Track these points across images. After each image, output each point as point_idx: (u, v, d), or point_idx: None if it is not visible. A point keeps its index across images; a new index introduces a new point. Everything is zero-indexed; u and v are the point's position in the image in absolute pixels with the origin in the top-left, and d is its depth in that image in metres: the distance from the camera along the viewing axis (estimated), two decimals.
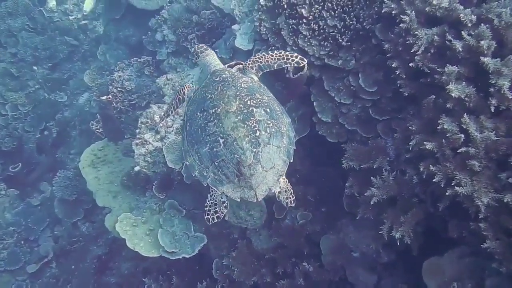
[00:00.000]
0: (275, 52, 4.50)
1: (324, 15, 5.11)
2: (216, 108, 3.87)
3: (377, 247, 4.93)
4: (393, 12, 4.53)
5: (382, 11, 4.63)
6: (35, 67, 10.62)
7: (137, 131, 6.45)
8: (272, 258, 5.80)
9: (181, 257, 6.02)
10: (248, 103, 3.90)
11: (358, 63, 5.10)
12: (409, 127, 4.37)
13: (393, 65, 4.55)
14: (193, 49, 4.79)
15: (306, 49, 5.20)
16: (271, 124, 3.87)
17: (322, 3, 5.12)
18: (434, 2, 4.23)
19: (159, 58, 8.04)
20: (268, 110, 3.95)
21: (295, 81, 5.12)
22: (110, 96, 7.15)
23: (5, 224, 8.88)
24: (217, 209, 4.07)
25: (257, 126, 3.77)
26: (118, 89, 8.01)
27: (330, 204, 5.95)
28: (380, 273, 5.22)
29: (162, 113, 4.88)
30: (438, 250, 4.42)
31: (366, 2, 4.97)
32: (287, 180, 4.10)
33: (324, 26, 5.12)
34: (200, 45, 4.77)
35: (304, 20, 5.18)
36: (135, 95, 7.97)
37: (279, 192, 4.02)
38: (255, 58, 4.50)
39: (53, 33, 11.15)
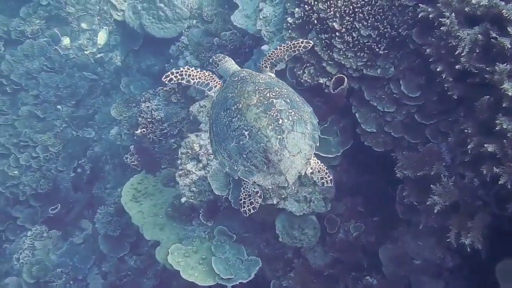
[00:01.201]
0: (282, 45, 4.49)
1: (357, 26, 5.07)
2: (237, 104, 3.94)
3: (442, 253, 4.86)
4: (430, 15, 4.47)
5: (419, 16, 4.57)
6: (59, 106, 10.71)
7: (179, 162, 6.44)
8: (331, 275, 5.76)
9: (238, 283, 6.01)
10: (268, 95, 3.95)
11: (397, 70, 5.05)
12: (464, 130, 4.30)
13: (437, 69, 4.48)
14: (211, 59, 4.83)
15: (342, 62, 5.17)
16: (292, 113, 3.90)
17: (353, 15, 5.09)
18: (473, 1, 4.16)
19: (185, 84, 8.02)
20: (288, 100, 3.98)
21: (336, 95, 5.08)
22: (145, 130, 7.17)
23: (52, 266, 8.94)
24: (252, 200, 4.11)
25: (279, 115, 3.81)
26: (148, 119, 8.02)
27: (382, 213, 5.89)
28: (447, 278, 5.13)
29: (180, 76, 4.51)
30: (505, 249, 4.36)
31: (398, 8, 4.92)
32: (319, 161, 4.10)
33: (358, 37, 5.08)
34: (217, 54, 4.81)
35: (337, 34, 5.14)
36: (165, 124, 7.99)
37: (312, 173, 4.04)
38: (266, 57, 4.56)
39: (72, 70, 11.26)
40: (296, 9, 5.45)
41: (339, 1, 5.13)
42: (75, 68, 11.33)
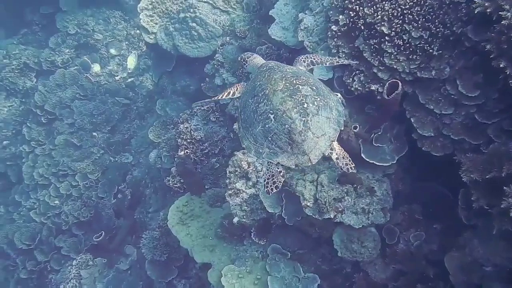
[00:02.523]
0: (327, 57, 4.72)
1: (407, 28, 4.90)
2: (264, 90, 4.06)
3: None
4: (487, 10, 4.28)
5: (475, 12, 4.38)
6: (94, 133, 10.73)
7: (227, 181, 6.31)
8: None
9: None
10: (294, 82, 4.05)
11: (453, 70, 4.85)
12: None
13: (501, 65, 4.27)
14: (239, 57, 5.03)
15: (394, 66, 5.00)
16: (318, 99, 3.99)
17: (401, 17, 4.93)
18: None
19: (223, 102, 7.94)
20: (314, 88, 4.08)
21: (390, 101, 4.89)
22: (188, 151, 7.08)
23: None
24: (275, 179, 4.12)
25: (304, 99, 3.90)
26: (188, 140, 7.93)
27: (442, 219, 5.66)
28: None
29: (214, 98, 4.97)
30: None
31: (450, 6, 4.74)
32: (342, 148, 4.14)
33: (409, 39, 4.91)
34: (246, 53, 5.02)
35: (387, 38, 4.99)
36: (206, 144, 7.89)
37: (337, 159, 4.07)
38: (309, 56, 4.71)
39: (104, 96, 11.32)
40: (341, 16, 5.32)
41: (386, 4, 4.98)
42: (107, 94, 11.39)
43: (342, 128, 4.09)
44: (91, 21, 12.71)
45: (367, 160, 5.49)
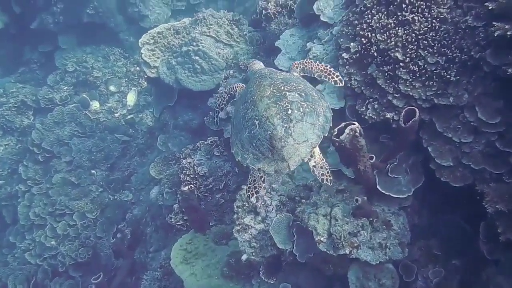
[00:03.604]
0: (321, 64, 4.82)
1: (422, 54, 4.75)
2: (253, 97, 4.20)
3: None
4: (508, 33, 4.12)
5: (495, 35, 4.23)
6: (93, 171, 10.51)
7: (235, 216, 6.03)
8: None
9: None
10: (282, 88, 4.17)
11: (471, 96, 4.66)
12: None
13: None
14: (241, 62, 5.57)
15: (410, 93, 4.82)
16: (305, 105, 4.07)
17: (416, 43, 4.78)
18: None
19: (227, 136, 7.72)
20: (303, 94, 4.16)
21: (407, 130, 4.68)
22: (192, 186, 6.81)
23: None
24: (256, 184, 4.26)
25: (289, 105, 4.00)
26: (191, 176, 7.67)
27: (462, 254, 5.37)
28: None
29: (215, 107, 5.50)
30: None
31: (466, 31, 4.60)
32: (323, 158, 4.25)
33: (425, 65, 4.75)
34: (243, 62, 5.42)
35: (401, 64, 4.82)
36: (210, 179, 7.63)
37: (314, 166, 4.16)
38: (301, 62, 4.86)
39: (103, 134, 11.15)
40: (352, 43, 5.19)
41: (399, 30, 4.84)
42: (106, 131, 11.23)
43: (326, 134, 4.15)
44: (90, 58, 12.69)
45: (383, 192, 5.23)
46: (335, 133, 4.43)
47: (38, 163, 10.86)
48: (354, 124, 4.37)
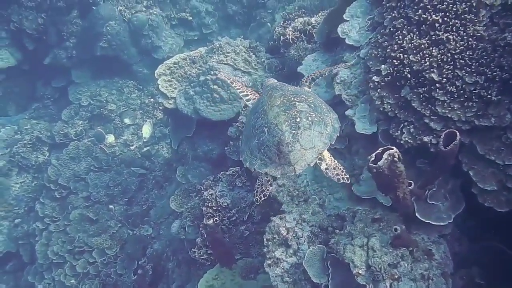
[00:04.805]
0: (324, 69, 5.30)
1: (459, 73, 4.53)
2: (264, 107, 4.39)
3: None
4: None
5: None
6: (111, 206, 10.32)
7: (265, 250, 5.74)
8: None
9: None
10: (292, 99, 4.36)
11: None
12: None
13: None
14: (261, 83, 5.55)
15: (448, 115, 4.58)
16: (313, 115, 4.24)
17: (452, 62, 4.57)
18: None
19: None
20: (312, 105, 4.34)
21: (447, 153, 4.43)
22: (218, 219, 6.56)
23: None
24: (263, 188, 4.42)
25: (298, 114, 4.17)
26: (214, 208, 7.43)
27: (506, 283, 5.06)
28: None
29: (233, 82, 5.54)
30: None
31: (505, 48, 4.39)
32: (335, 160, 4.38)
33: (463, 86, 4.52)
34: (267, 77, 5.54)
35: (437, 85, 4.60)
36: (233, 211, 7.39)
37: (326, 169, 4.28)
38: (309, 76, 5.23)
39: (119, 167, 10.98)
40: (382, 65, 4.99)
41: (433, 51, 4.64)
42: (122, 164, 11.08)
43: (333, 142, 4.31)
44: (104, 91, 12.66)
45: (422, 219, 4.96)
46: (372, 159, 4.20)
47: (55, 199, 10.70)
48: (392, 148, 4.15)
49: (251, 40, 8.61)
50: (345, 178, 4.31)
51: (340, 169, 4.34)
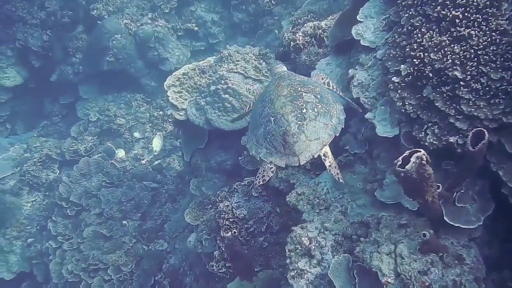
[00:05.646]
0: (337, 88, 5.31)
1: (484, 70, 4.36)
2: (271, 96, 4.46)
3: None
4: None
5: None
6: (125, 222, 10.21)
7: (288, 261, 5.56)
8: None
9: None
10: (299, 89, 4.43)
11: None
12: None
13: None
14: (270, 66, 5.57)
15: (474, 113, 4.40)
16: (319, 106, 4.33)
17: (475, 59, 4.40)
18: None
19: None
20: (318, 96, 4.42)
21: (475, 154, 4.24)
22: (236, 231, 6.40)
23: None
24: (264, 174, 4.47)
25: (304, 105, 4.26)
26: (230, 220, 7.26)
27: None
28: None
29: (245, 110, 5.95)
30: None
31: None
32: (334, 158, 4.51)
33: (489, 82, 4.35)
34: (276, 61, 5.56)
35: (461, 83, 4.43)
36: (251, 222, 7.21)
37: (330, 166, 4.42)
38: (327, 80, 5.20)
39: (131, 182, 10.85)
40: (402, 66, 4.82)
41: (455, 47, 4.47)
42: (134, 179, 10.97)
43: (338, 135, 4.45)
44: (113, 106, 12.61)
45: (451, 223, 4.77)
46: (400, 163, 4.03)
47: (67, 217, 10.61)
48: (420, 151, 3.97)
49: (261, 48, 8.47)
50: (340, 179, 4.57)
51: (338, 168, 4.56)
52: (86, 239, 10.00)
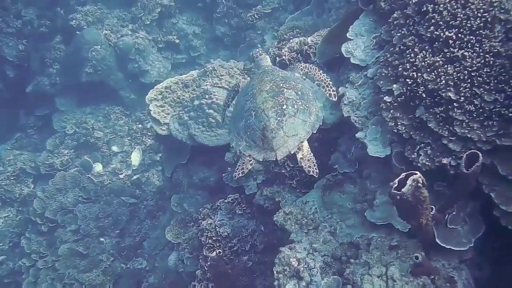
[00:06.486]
0: (323, 74, 5.15)
1: (477, 92, 4.33)
2: (253, 90, 4.55)
3: None
4: None
5: None
6: (102, 239, 9.91)
7: (276, 283, 5.41)
8: None
9: None
10: (281, 85, 4.53)
11: None
12: None
13: None
14: (251, 54, 5.55)
15: (468, 135, 4.36)
16: (299, 103, 4.43)
17: (469, 80, 4.37)
18: None
19: (249, 192, 7.19)
20: (299, 93, 4.52)
21: (469, 176, 4.19)
22: (220, 251, 6.25)
23: None
24: (243, 166, 4.51)
25: (285, 101, 4.36)
26: (214, 238, 7.09)
27: None
28: None
29: (223, 106, 5.86)
30: None
31: None
32: (311, 152, 4.52)
33: (482, 104, 4.32)
34: (256, 50, 5.46)
35: (455, 104, 4.39)
36: (234, 240, 7.05)
37: (301, 159, 4.43)
38: (307, 66, 5.16)
39: (109, 197, 10.60)
40: (394, 85, 4.78)
41: (449, 68, 4.44)
42: (112, 194, 10.71)
43: (315, 132, 4.51)
44: (90, 118, 12.36)
45: (443, 245, 4.71)
46: (395, 185, 3.95)
47: (41, 234, 10.27)
48: (416, 173, 3.90)
49: (246, 62, 8.39)
50: (315, 173, 4.44)
51: (313, 162, 4.48)
52: (61, 257, 9.65)
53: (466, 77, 4.40)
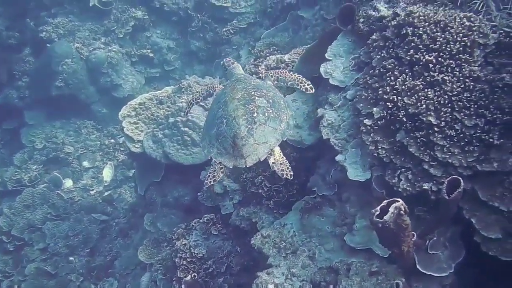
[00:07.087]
0: (294, 74, 5.33)
1: (458, 116, 4.30)
2: (225, 98, 4.63)
3: None
4: None
5: None
6: (71, 258, 9.60)
7: None
8: None
9: None
10: (252, 93, 4.60)
11: None
12: None
13: None
14: (221, 62, 5.61)
15: (449, 160, 4.32)
16: (270, 111, 4.50)
17: (449, 105, 4.35)
18: None
19: (225, 212, 7.04)
20: (270, 101, 4.60)
21: (450, 201, 4.14)
22: (196, 274, 6.07)
23: None
24: (215, 174, 4.58)
25: (255, 109, 4.43)
26: (188, 259, 6.90)
27: None
28: None
29: (189, 100, 5.89)
30: None
31: (504, 89, 4.20)
32: (283, 156, 4.57)
33: (463, 129, 4.29)
34: (227, 59, 5.55)
35: (436, 129, 4.35)
36: (210, 261, 6.87)
37: (273, 163, 4.47)
38: (277, 72, 5.32)
39: (79, 214, 10.32)
40: (375, 108, 4.72)
41: (429, 93, 4.41)
42: (82, 211, 10.42)
43: (285, 139, 4.60)
44: (61, 133, 12.07)
45: (424, 271, 4.63)
46: (377, 213, 3.86)
47: (7, 253, 9.94)
48: (398, 201, 3.82)
49: (222, 79, 8.27)
50: (289, 175, 4.45)
51: (286, 165, 4.50)
52: (28, 277, 9.35)
53: (446, 101, 4.37)
